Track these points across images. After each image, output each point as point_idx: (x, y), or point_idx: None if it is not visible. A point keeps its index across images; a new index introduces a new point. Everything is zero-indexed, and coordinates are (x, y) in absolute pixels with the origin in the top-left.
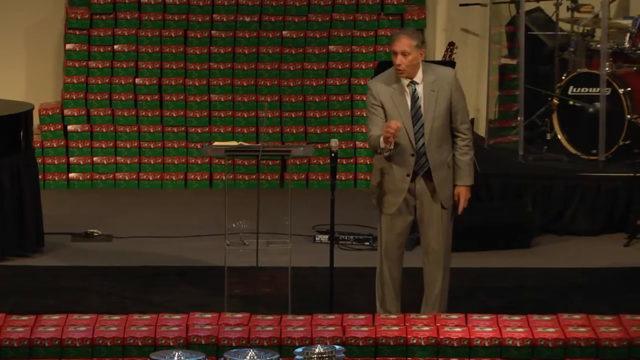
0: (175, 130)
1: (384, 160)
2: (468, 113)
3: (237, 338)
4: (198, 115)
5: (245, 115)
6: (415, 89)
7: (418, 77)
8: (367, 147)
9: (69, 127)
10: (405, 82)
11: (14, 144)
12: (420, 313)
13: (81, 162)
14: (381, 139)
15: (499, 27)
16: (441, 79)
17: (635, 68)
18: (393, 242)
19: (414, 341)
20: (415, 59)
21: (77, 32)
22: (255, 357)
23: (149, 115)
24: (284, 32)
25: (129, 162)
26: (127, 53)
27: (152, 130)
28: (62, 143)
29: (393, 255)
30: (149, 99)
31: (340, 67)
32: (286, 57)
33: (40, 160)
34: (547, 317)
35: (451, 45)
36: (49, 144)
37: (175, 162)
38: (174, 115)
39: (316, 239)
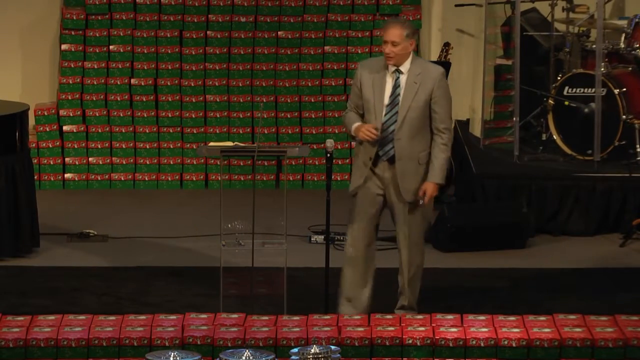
0: (171, 131)
1: (358, 141)
2: (451, 116)
3: (233, 338)
4: (194, 116)
5: (241, 116)
6: (399, 77)
7: (404, 67)
8: None
9: (65, 128)
10: (392, 69)
11: (10, 144)
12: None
13: (77, 163)
14: (352, 127)
15: (494, 27)
16: (426, 74)
17: (630, 68)
18: (355, 222)
19: (410, 341)
20: (404, 48)
21: (73, 33)
22: (250, 358)
23: (145, 115)
24: (279, 33)
25: (124, 162)
26: (123, 53)
27: (147, 131)
28: (58, 143)
29: (355, 234)
30: (144, 99)
31: (335, 68)
32: (282, 58)
33: (35, 161)
34: (542, 318)
35: (446, 45)
36: (44, 145)
37: (171, 162)
38: (170, 115)
39: (312, 239)
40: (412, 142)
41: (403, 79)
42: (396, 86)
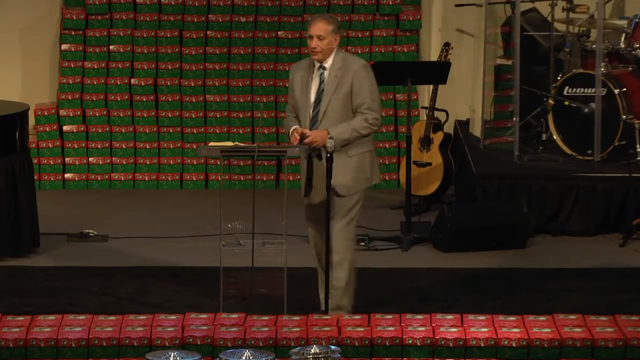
0: (171, 131)
1: None
2: (378, 105)
3: (233, 338)
4: (194, 116)
5: (241, 116)
6: (323, 73)
7: (328, 63)
8: None
9: (65, 128)
10: (317, 65)
11: (10, 144)
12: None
13: (77, 163)
14: (290, 130)
15: (494, 27)
16: (347, 67)
17: (630, 68)
18: (307, 216)
19: (410, 341)
20: (330, 43)
21: (73, 33)
22: (250, 358)
23: (145, 115)
24: (279, 33)
25: (124, 162)
26: (123, 53)
27: (147, 131)
28: (58, 143)
29: (312, 230)
30: (144, 99)
31: None
32: (282, 58)
33: (35, 161)
34: (542, 318)
35: (447, 45)
36: (44, 145)
37: (171, 162)
38: (170, 115)
39: None
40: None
41: (326, 74)
42: (321, 82)
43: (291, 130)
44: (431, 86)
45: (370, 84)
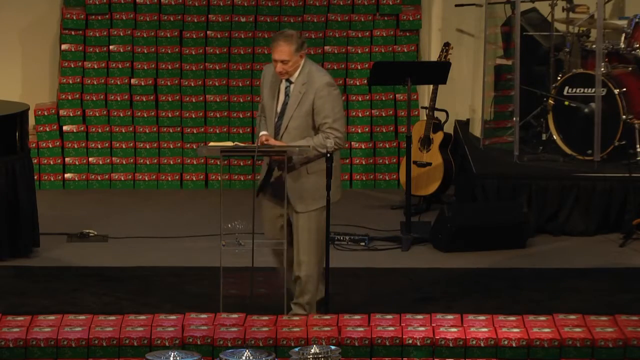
0: (171, 131)
1: None
2: (341, 124)
3: (233, 338)
4: (194, 116)
5: (241, 116)
6: (289, 86)
7: (294, 77)
8: (361, 146)
9: (65, 128)
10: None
11: (10, 144)
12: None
13: (77, 163)
14: (261, 132)
15: (494, 27)
16: (310, 84)
17: (630, 68)
18: (264, 229)
19: (410, 341)
20: (295, 62)
21: (73, 33)
22: (250, 358)
23: (145, 115)
24: None
25: (124, 162)
26: (123, 53)
27: (147, 131)
28: (58, 143)
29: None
30: (144, 99)
31: (335, 68)
32: None
33: (35, 161)
34: (542, 318)
35: (446, 45)
36: (44, 145)
37: (171, 162)
38: (170, 115)
39: None
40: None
41: (292, 88)
42: (286, 95)
43: (260, 134)
44: (431, 86)
45: (332, 103)
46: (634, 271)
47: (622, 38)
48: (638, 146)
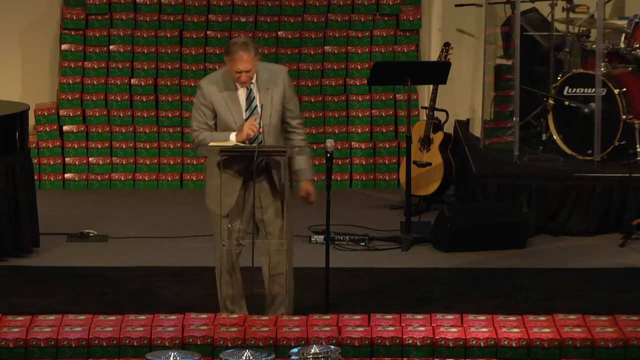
0: (171, 131)
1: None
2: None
3: (233, 338)
4: None
5: None
6: (251, 89)
7: (253, 78)
8: (361, 146)
9: (65, 128)
10: None
11: (10, 144)
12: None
13: (77, 163)
14: (231, 136)
15: (494, 27)
16: (274, 76)
17: (630, 68)
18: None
19: (410, 341)
20: (255, 67)
21: (73, 33)
22: (250, 358)
23: (145, 115)
24: (279, 33)
25: (124, 162)
26: (123, 53)
27: (147, 131)
28: (58, 143)
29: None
30: (144, 99)
31: (335, 68)
32: (281, 58)
33: (35, 161)
34: (542, 318)
35: (446, 45)
36: (44, 145)
37: (171, 162)
38: (170, 115)
39: (312, 239)
40: None
41: (254, 88)
42: (250, 98)
43: (237, 132)
44: (431, 86)
45: (294, 92)
46: (634, 271)
47: (622, 38)
48: (638, 146)
